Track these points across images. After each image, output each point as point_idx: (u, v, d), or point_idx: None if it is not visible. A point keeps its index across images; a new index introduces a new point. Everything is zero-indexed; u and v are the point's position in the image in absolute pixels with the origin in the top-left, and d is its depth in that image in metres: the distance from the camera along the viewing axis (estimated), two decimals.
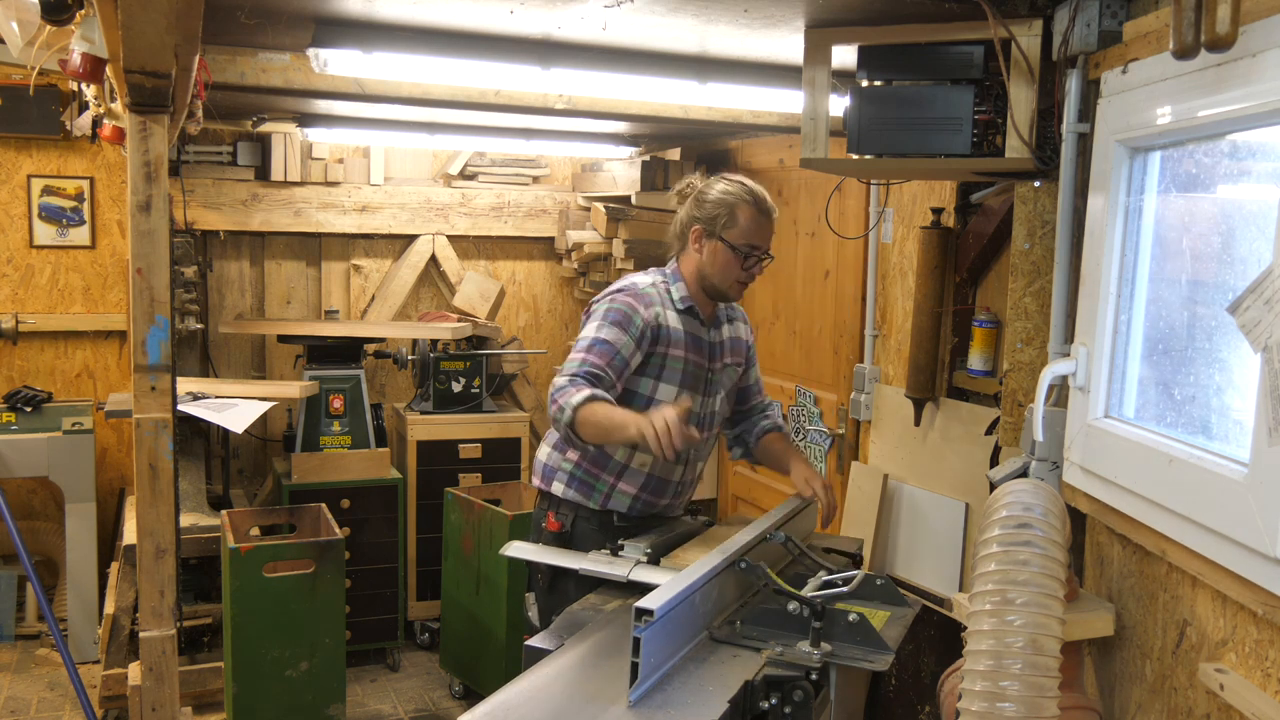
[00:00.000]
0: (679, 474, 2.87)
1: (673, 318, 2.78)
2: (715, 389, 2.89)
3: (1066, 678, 1.84)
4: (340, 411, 4.58)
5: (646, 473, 2.81)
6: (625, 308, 2.71)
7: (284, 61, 2.98)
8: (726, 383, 2.93)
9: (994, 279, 3.06)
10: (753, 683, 1.95)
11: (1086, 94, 2.10)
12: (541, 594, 2.79)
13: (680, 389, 2.77)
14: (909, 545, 3.45)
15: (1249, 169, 1.72)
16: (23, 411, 4.55)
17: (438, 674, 4.56)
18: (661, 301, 2.78)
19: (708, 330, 2.86)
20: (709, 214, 2.76)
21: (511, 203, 5.45)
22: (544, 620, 2.76)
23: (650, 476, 2.81)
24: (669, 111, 3.46)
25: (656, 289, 2.80)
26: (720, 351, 2.89)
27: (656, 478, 2.82)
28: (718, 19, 2.28)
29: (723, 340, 2.91)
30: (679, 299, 2.81)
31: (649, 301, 2.75)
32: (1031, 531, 1.80)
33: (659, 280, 2.84)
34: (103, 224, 4.96)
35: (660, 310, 2.76)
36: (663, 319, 2.76)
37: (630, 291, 2.76)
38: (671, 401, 2.75)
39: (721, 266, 2.76)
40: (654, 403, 2.75)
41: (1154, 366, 1.96)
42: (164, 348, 2.19)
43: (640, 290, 2.77)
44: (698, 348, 2.81)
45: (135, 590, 3.70)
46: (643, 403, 2.75)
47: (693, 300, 2.82)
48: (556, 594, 2.74)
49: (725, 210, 2.74)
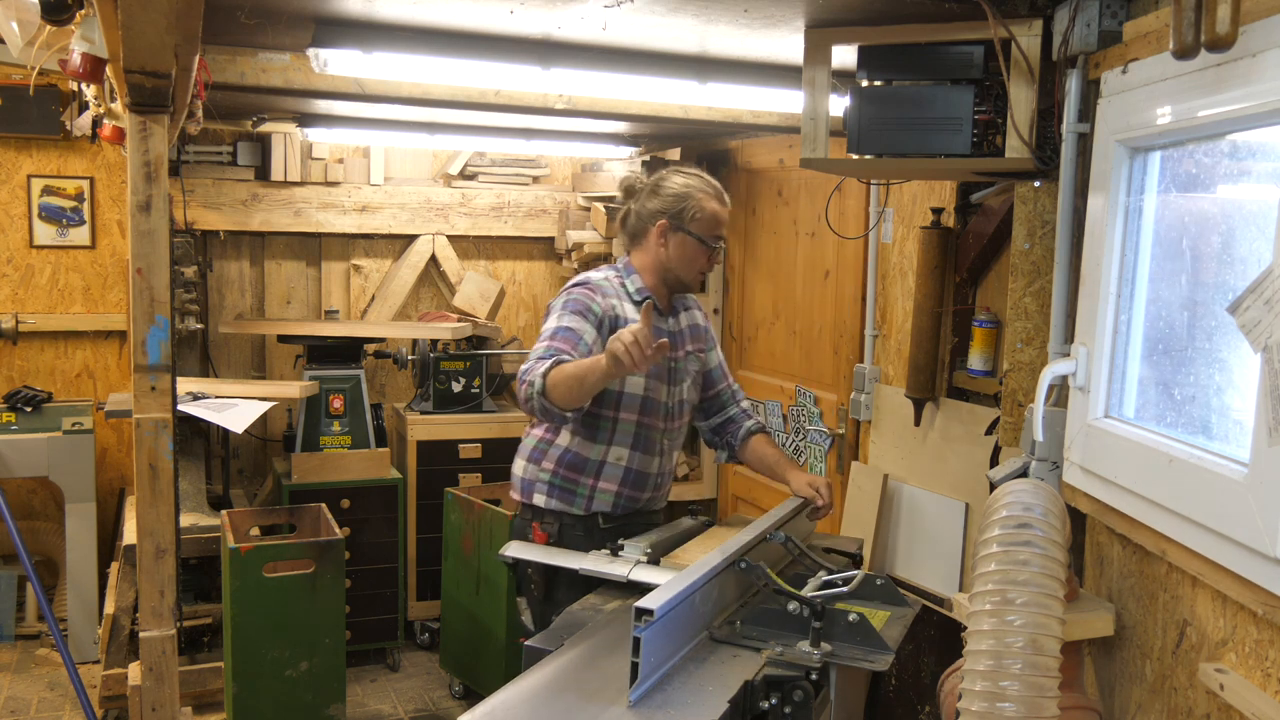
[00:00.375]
0: (656, 465, 2.88)
1: (630, 309, 2.80)
2: (680, 377, 2.91)
3: (1066, 678, 1.84)
4: (340, 411, 4.58)
5: (624, 466, 2.81)
6: (583, 297, 2.75)
7: (284, 61, 2.97)
8: (691, 370, 2.95)
9: (994, 279, 3.06)
10: (753, 683, 1.95)
11: (1086, 94, 2.10)
12: (536, 601, 2.78)
13: (647, 379, 2.79)
14: (909, 545, 3.45)
15: (1249, 169, 1.72)
16: (23, 411, 4.55)
17: (438, 674, 4.56)
18: (617, 294, 2.81)
19: (666, 320, 2.90)
20: (673, 208, 2.79)
21: (511, 203, 5.44)
22: (539, 626, 2.75)
23: (629, 470, 2.82)
24: (669, 111, 3.46)
25: (610, 283, 2.83)
26: (681, 340, 2.92)
27: (635, 471, 2.83)
28: (718, 19, 2.28)
29: (682, 329, 2.94)
30: (635, 290, 2.84)
31: (605, 293, 2.78)
32: (1031, 531, 1.80)
33: (611, 275, 2.87)
34: (103, 224, 4.96)
35: (617, 302, 2.79)
36: (620, 310, 2.78)
37: (586, 285, 2.80)
38: (639, 394, 2.78)
39: (688, 258, 2.81)
40: (623, 397, 2.77)
41: (1154, 366, 1.96)
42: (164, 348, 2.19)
43: (595, 283, 2.81)
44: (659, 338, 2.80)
45: (135, 590, 3.70)
46: (612, 399, 2.77)
47: (650, 292, 2.84)
48: (551, 601, 2.73)
49: (691, 204, 2.79)
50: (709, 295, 4.96)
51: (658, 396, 2.83)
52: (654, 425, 2.84)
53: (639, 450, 2.83)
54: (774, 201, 4.55)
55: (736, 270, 4.87)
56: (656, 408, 2.84)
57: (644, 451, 2.84)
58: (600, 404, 2.77)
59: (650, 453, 2.86)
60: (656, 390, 2.83)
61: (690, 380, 2.95)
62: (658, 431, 2.86)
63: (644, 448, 2.84)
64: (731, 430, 3.07)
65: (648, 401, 2.81)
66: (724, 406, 3.09)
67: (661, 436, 2.88)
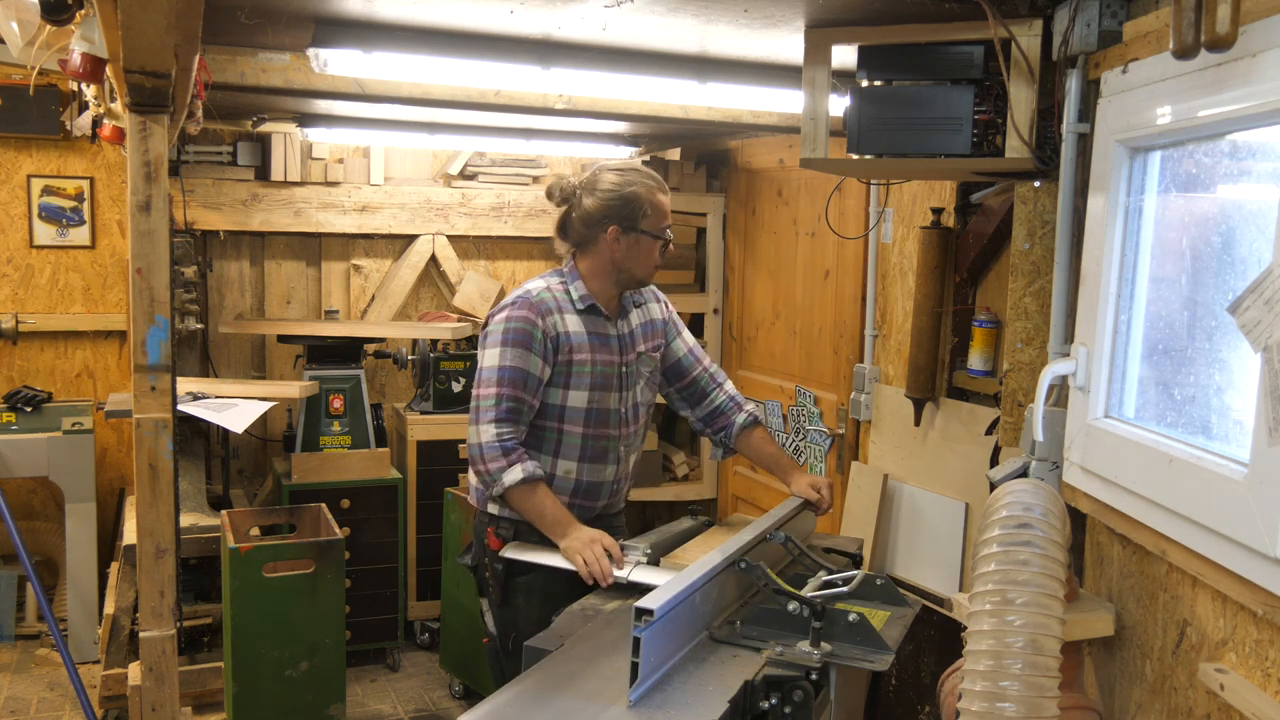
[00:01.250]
0: (611, 473, 2.81)
1: (573, 321, 2.71)
2: (632, 381, 2.82)
3: (1066, 678, 1.84)
4: (340, 411, 4.58)
5: (574, 479, 2.75)
6: (524, 324, 2.64)
7: (284, 61, 2.97)
8: (645, 371, 2.86)
9: (994, 279, 3.06)
10: (753, 683, 1.95)
11: (1086, 94, 2.10)
12: (495, 606, 2.76)
13: (591, 392, 2.71)
14: (909, 545, 3.44)
15: (1249, 169, 1.72)
16: (23, 411, 4.55)
17: (438, 674, 4.56)
18: (559, 306, 2.71)
19: (614, 324, 2.80)
20: (620, 211, 2.69)
21: (511, 203, 5.44)
22: (502, 633, 2.73)
23: (579, 482, 2.76)
24: (669, 111, 3.46)
25: (552, 293, 2.72)
26: (631, 342, 2.82)
27: (586, 482, 2.76)
28: (718, 19, 2.28)
29: (631, 329, 2.83)
30: (578, 298, 2.74)
31: (545, 309, 2.68)
32: (1031, 531, 1.80)
33: (555, 282, 2.76)
34: (103, 224, 4.96)
35: (558, 317, 2.69)
36: (561, 326, 2.69)
37: (523, 303, 2.68)
38: (582, 407, 2.70)
39: (644, 256, 2.74)
40: (565, 410, 2.70)
41: (1154, 366, 1.96)
42: (164, 348, 2.19)
43: (534, 299, 2.69)
44: (605, 346, 2.75)
45: (135, 590, 3.70)
46: (555, 412, 2.70)
47: (593, 298, 2.75)
48: (510, 608, 2.71)
49: (639, 203, 2.70)
50: (709, 295, 4.96)
51: (606, 405, 2.75)
52: (605, 434, 2.76)
53: (588, 461, 2.75)
54: (774, 201, 4.55)
55: (736, 270, 4.87)
56: (606, 416, 2.75)
57: (594, 461, 2.76)
58: (542, 416, 2.71)
59: (602, 461, 2.77)
60: (604, 400, 2.74)
61: (645, 382, 2.86)
62: (610, 440, 2.78)
63: (594, 458, 2.76)
64: (723, 423, 2.98)
65: (593, 412, 2.73)
66: (706, 393, 2.99)
67: (616, 444, 2.79)
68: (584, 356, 2.70)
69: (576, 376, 2.70)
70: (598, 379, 2.72)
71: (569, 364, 2.69)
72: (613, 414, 2.77)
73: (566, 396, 2.70)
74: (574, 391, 2.70)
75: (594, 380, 2.72)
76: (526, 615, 2.65)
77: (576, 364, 2.69)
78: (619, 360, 2.78)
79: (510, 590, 2.71)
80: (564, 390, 2.70)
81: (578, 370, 2.70)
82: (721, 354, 4.95)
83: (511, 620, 2.71)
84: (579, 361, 2.70)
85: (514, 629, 2.68)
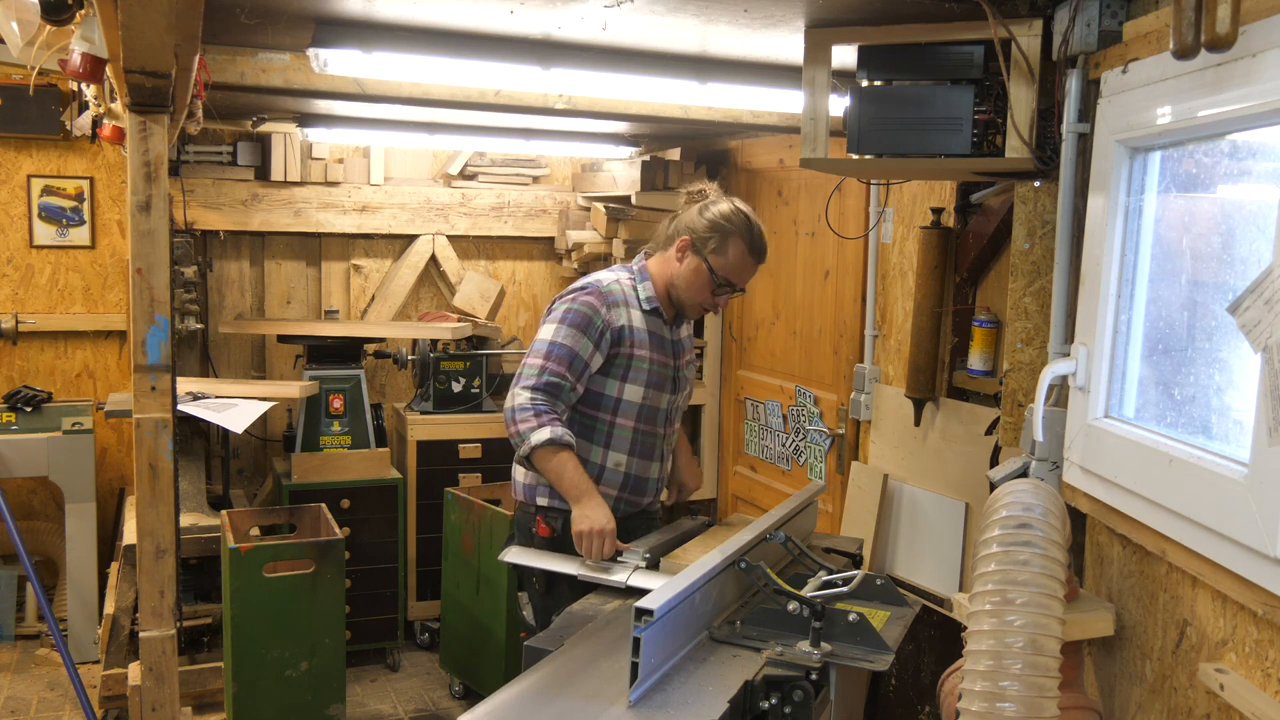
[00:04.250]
0: (655, 470, 2.88)
1: (637, 317, 2.76)
2: (681, 385, 2.91)
3: (1066, 678, 1.84)
4: (340, 411, 4.58)
5: (623, 472, 2.81)
6: (586, 309, 2.69)
7: (284, 61, 2.97)
8: (687, 379, 2.95)
9: (994, 279, 3.06)
10: (753, 683, 1.95)
11: (1086, 94, 2.10)
12: (537, 596, 2.79)
13: (646, 389, 2.76)
14: (909, 545, 3.45)
15: (1249, 169, 1.72)
16: (23, 411, 4.55)
17: (438, 674, 4.56)
18: (626, 301, 2.76)
19: (670, 329, 2.86)
20: (703, 231, 2.72)
21: (511, 203, 5.44)
22: (541, 621, 2.77)
23: (628, 475, 2.81)
24: (669, 111, 3.46)
25: (621, 286, 2.77)
26: (683, 349, 2.92)
27: (635, 476, 2.83)
28: (718, 19, 2.28)
29: (681, 340, 2.93)
30: (645, 299, 2.79)
31: (612, 301, 2.73)
32: (1031, 531, 1.80)
33: (624, 277, 2.81)
34: (103, 224, 4.96)
35: (624, 310, 2.74)
36: (625, 319, 2.73)
37: (593, 291, 2.73)
38: (637, 402, 2.75)
39: (694, 286, 2.75)
40: (620, 404, 2.74)
41: (1154, 366, 1.96)
42: (164, 348, 2.19)
43: (604, 289, 2.74)
44: (662, 347, 2.81)
45: (135, 590, 3.70)
46: (609, 404, 2.74)
47: (658, 302, 2.81)
48: (553, 596, 2.74)
49: (719, 234, 2.72)
50: None
51: (657, 404, 2.82)
52: (653, 431, 2.84)
53: (637, 456, 2.82)
54: (774, 201, 4.55)
55: None
56: (655, 415, 2.83)
57: (643, 457, 2.84)
58: (597, 407, 2.76)
59: (649, 458, 2.85)
60: (656, 398, 2.81)
61: (685, 390, 2.95)
62: (657, 437, 2.86)
63: (643, 453, 2.83)
64: None
65: (645, 409, 2.79)
66: None
67: (661, 442, 2.88)
68: (644, 353, 2.76)
69: (635, 371, 2.75)
70: (654, 377, 2.78)
71: (630, 358, 2.74)
72: (661, 413, 2.84)
73: (623, 390, 2.75)
74: (630, 385, 2.74)
75: (650, 378, 2.78)
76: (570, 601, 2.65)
77: (637, 359, 2.75)
78: (672, 364, 2.85)
79: (555, 579, 2.71)
80: (621, 383, 2.74)
81: (637, 365, 2.75)
82: (721, 354, 4.95)
83: (554, 607, 2.72)
84: (639, 357, 2.75)
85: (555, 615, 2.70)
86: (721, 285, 2.75)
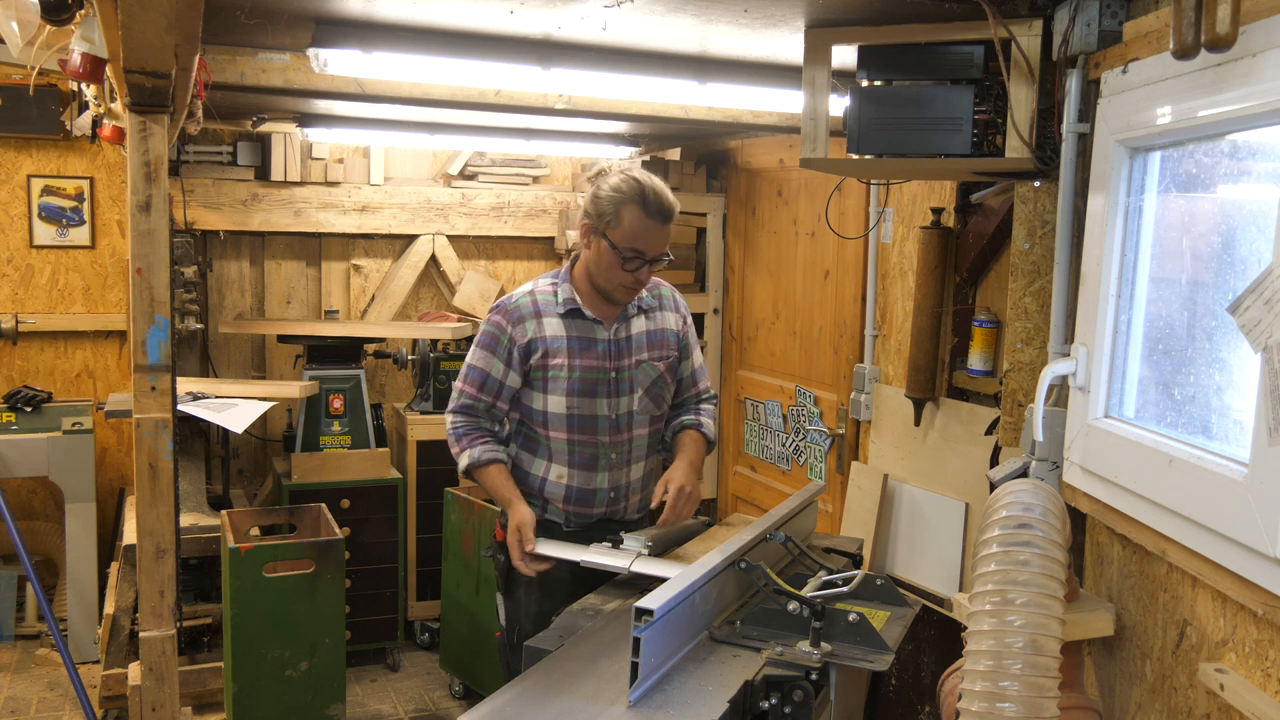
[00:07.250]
0: (604, 480, 2.74)
1: (552, 325, 2.67)
2: (627, 388, 2.72)
3: (1066, 678, 1.84)
4: (340, 411, 4.58)
5: (565, 484, 2.73)
6: (494, 328, 2.70)
7: (284, 61, 2.97)
8: (645, 379, 2.75)
9: (994, 279, 3.06)
10: (753, 683, 1.95)
11: (1086, 94, 2.10)
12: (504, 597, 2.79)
13: (570, 398, 2.67)
14: (909, 545, 3.45)
15: (1249, 169, 1.72)
16: (23, 411, 4.55)
17: (438, 674, 4.56)
18: (537, 312, 2.68)
19: (610, 328, 2.71)
20: (597, 209, 2.61)
21: (511, 203, 5.45)
22: (509, 627, 2.76)
23: (570, 488, 2.73)
24: (669, 111, 3.46)
25: (534, 297, 2.70)
26: (627, 348, 2.72)
27: (577, 488, 2.73)
28: (718, 19, 2.28)
29: (630, 336, 2.74)
30: (563, 301, 2.69)
31: (518, 317, 2.68)
32: (1031, 531, 1.80)
33: (545, 284, 2.74)
34: (103, 224, 4.96)
35: (533, 322, 2.66)
36: (534, 331, 2.66)
37: (500, 309, 2.72)
38: (563, 413, 2.68)
39: (605, 267, 2.62)
40: (547, 416, 2.69)
41: (1154, 366, 1.96)
42: (164, 348, 2.19)
43: (510, 305, 2.70)
44: (588, 351, 2.68)
45: (135, 590, 3.70)
46: (539, 417, 2.70)
47: (577, 302, 2.69)
48: (513, 600, 2.74)
49: (612, 208, 2.58)
50: (709, 295, 4.96)
51: (592, 411, 2.69)
52: (593, 441, 2.71)
53: (578, 468, 2.71)
54: (774, 201, 4.55)
55: (736, 270, 4.87)
56: (593, 423, 2.70)
57: (584, 468, 2.72)
58: (530, 421, 2.72)
59: (592, 469, 2.72)
60: (589, 406, 2.68)
61: (645, 390, 2.75)
62: (601, 447, 2.72)
63: (583, 464, 2.72)
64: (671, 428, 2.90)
65: (575, 419, 2.68)
66: (682, 408, 2.91)
67: (607, 451, 2.72)
68: (560, 361, 2.66)
69: (553, 381, 2.67)
70: (576, 384, 2.67)
71: (544, 369, 2.67)
72: (601, 420, 2.71)
73: (546, 401, 2.69)
74: (552, 396, 2.68)
75: (572, 385, 2.67)
76: (526, 608, 2.69)
77: (552, 369, 2.66)
78: (608, 366, 2.70)
79: (512, 581, 2.72)
80: (543, 395, 2.69)
81: (553, 375, 2.67)
82: (721, 354, 4.96)
83: (514, 612, 2.74)
84: (554, 366, 2.66)
85: (517, 622, 2.71)
86: (630, 258, 2.59)
